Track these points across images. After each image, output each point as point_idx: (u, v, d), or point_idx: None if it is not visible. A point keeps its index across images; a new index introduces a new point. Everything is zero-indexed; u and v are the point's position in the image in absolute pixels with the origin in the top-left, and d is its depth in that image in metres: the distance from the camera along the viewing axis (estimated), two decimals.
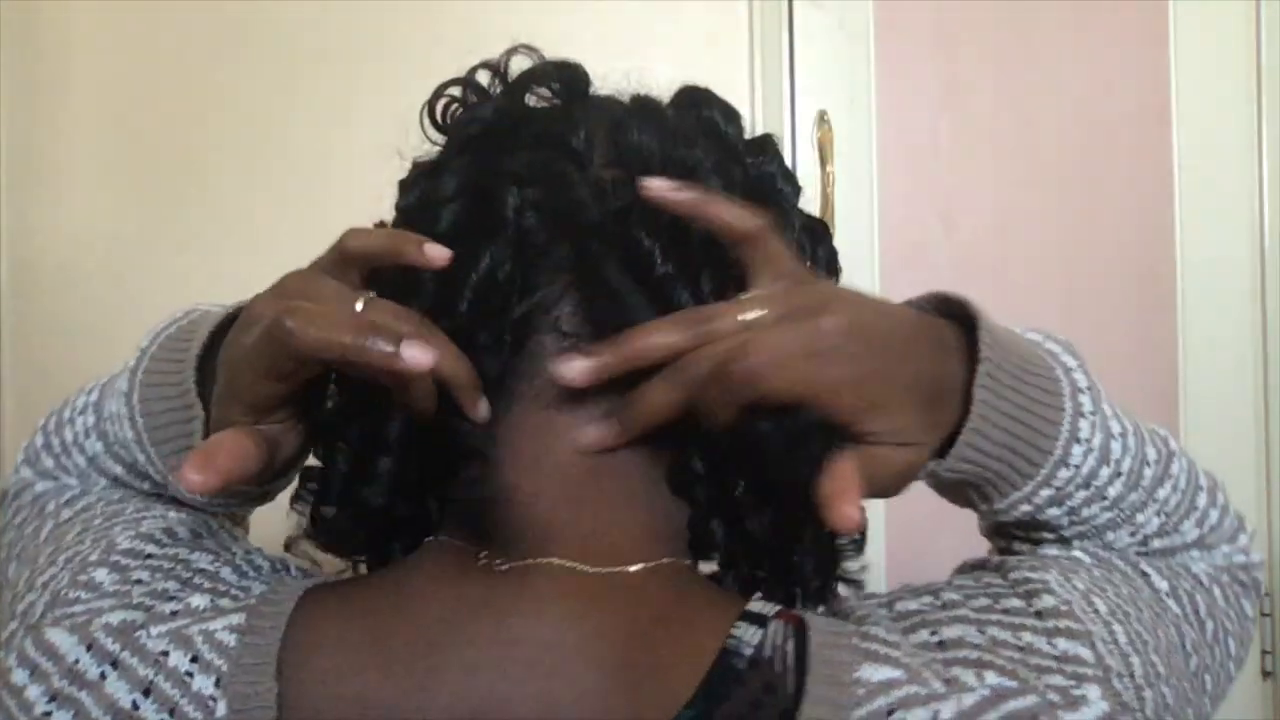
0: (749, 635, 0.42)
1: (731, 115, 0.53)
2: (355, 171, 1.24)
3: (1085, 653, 0.43)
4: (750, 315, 0.43)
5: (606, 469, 0.46)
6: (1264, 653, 1.23)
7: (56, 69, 1.24)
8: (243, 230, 1.22)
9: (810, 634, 0.42)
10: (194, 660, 0.43)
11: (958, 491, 0.54)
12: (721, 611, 0.44)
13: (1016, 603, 0.45)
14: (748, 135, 0.54)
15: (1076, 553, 0.53)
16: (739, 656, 0.42)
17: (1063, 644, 0.43)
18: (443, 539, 0.47)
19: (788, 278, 0.45)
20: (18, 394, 1.23)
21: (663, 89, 0.55)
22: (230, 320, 0.55)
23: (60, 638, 0.45)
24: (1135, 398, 0.76)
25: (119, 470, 0.60)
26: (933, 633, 0.44)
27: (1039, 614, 0.44)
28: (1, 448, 1.23)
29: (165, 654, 0.43)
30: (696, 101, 0.53)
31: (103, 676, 0.43)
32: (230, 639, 0.44)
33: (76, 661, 0.44)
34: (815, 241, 0.53)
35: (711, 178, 0.48)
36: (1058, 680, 0.42)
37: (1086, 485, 0.51)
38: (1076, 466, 0.51)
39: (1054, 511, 0.52)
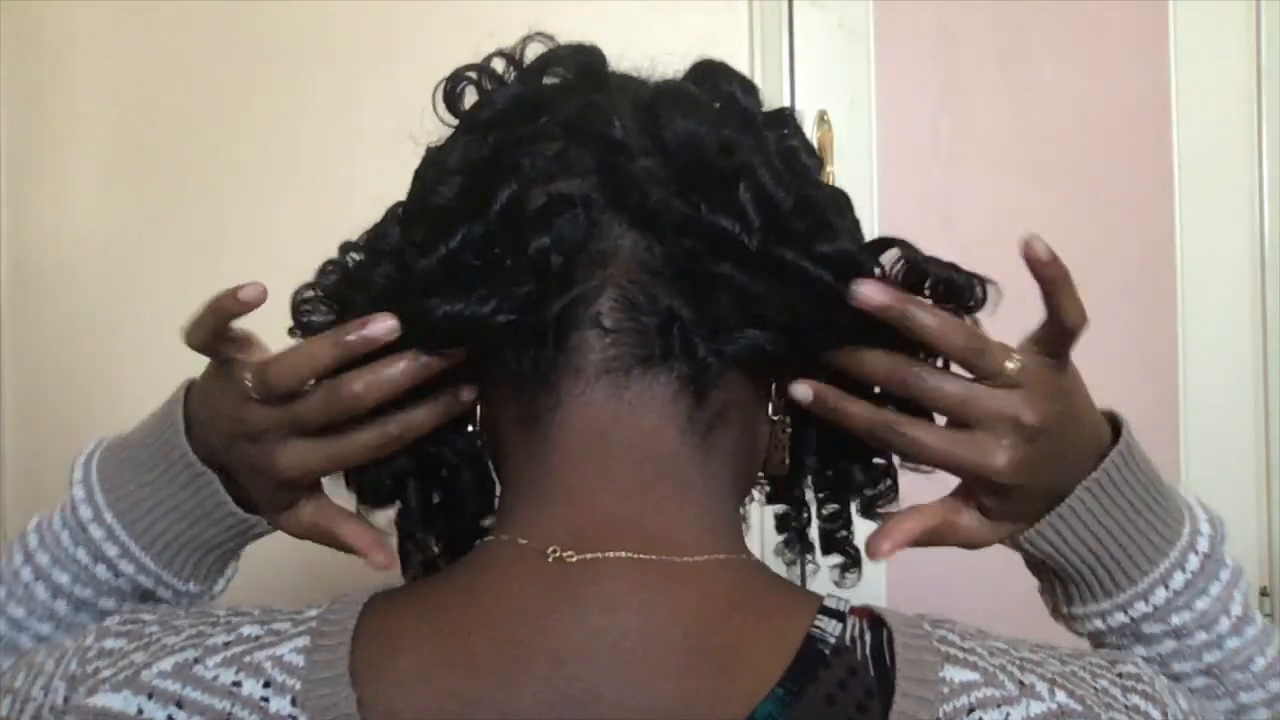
0: (830, 626, 0.44)
1: (750, 88, 0.52)
2: (356, 171, 1.25)
3: (1155, 713, 0.45)
4: (1012, 365, 0.49)
5: (659, 464, 0.47)
6: None
7: (57, 69, 1.24)
8: (243, 230, 1.22)
9: (893, 631, 0.44)
10: (266, 685, 0.43)
11: (1043, 577, 0.58)
12: (797, 602, 0.46)
13: (1101, 663, 0.47)
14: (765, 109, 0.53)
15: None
16: (824, 643, 0.44)
17: (1136, 699, 0.45)
18: (504, 538, 0.48)
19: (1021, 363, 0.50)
20: (18, 394, 1.23)
21: None
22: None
23: (110, 699, 0.44)
24: (1135, 398, 0.76)
25: (47, 628, 0.58)
26: (1013, 646, 0.46)
27: (1120, 675, 0.46)
28: (2, 447, 1.23)
29: (238, 684, 0.43)
30: (714, 75, 0.52)
31: (170, 719, 0.43)
32: (298, 659, 0.43)
33: (140, 712, 0.43)
34: (840, 214, 0.52)
35: (753, 157, 0.47)
36: (1120, 718, 0.44)
37: (1176, 636, 0.55)
38: (1156, 607, 0.54)
39: (1140, 650, 0.56)
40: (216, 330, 0.53)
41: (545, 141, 0.47)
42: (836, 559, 0.58)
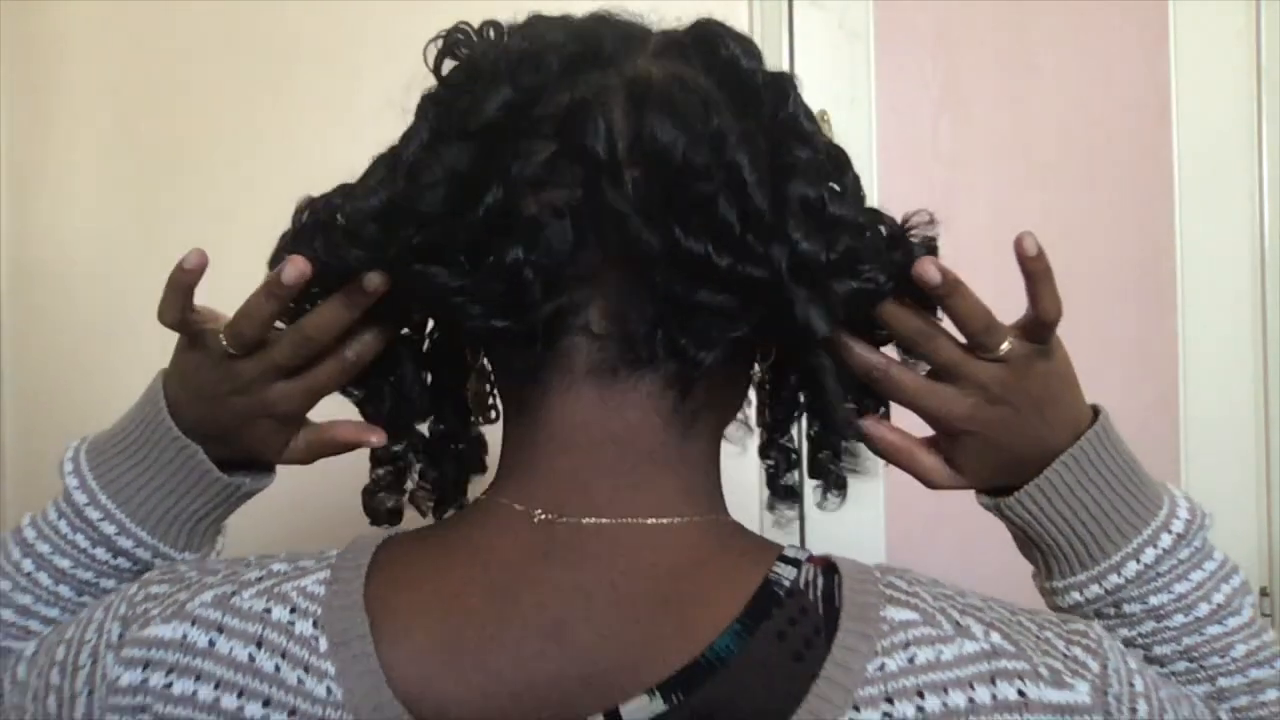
0: (786, 571, 0.49)
1: (751, 51, 0.52)
2: (356, 171, 1.24)
3: (1093, 664, 0.48)
4: (1005, 346, 0.55)
5: (642, 452, 0.52)
6: None
7: (56, 69, 1.24)
8: (242, 230, 1.22)
9: (842, 576, 0.49)
10: (292, 611, 0.50)
11: (1028, 550, 0.62)
12: (761, 554, 0.51)
13: (1053, 619, 0.51)
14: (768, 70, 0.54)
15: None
16: (779, 586, 0.48)
17: (1077, 650, 0.48)
18: (500, 501, 0.53)
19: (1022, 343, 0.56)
20: (18, 394, 1.23)
21: None
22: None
23: (160, 629, 0.50)
24: (1135, 398, 0.76)
25: (54, 613, 0.62)
26: (960, 594, 0.51)
27: (1069, 630, 0.50)
28: (2, 447, 1.23)
29: (268, 610, 0.50)
30: (714, 39, 0.52)
31: (211, 643, 0.49)
32: (320, 589, 0.50)
33: (184, 637, 0.50)
34: (840, 171, 0.54)
35: (740, 149, 0.48)
36: (1056, 665, 0.47)
37: (1155, 618, 0.58)
38: (1129, 580, 0.58)
39: (1123, 631, 0.59)
40: (182, 305, 0.64)
41: (537, 142, 0.49)
42: (822, 484, 0.63)
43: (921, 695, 0.45)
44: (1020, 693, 0.45)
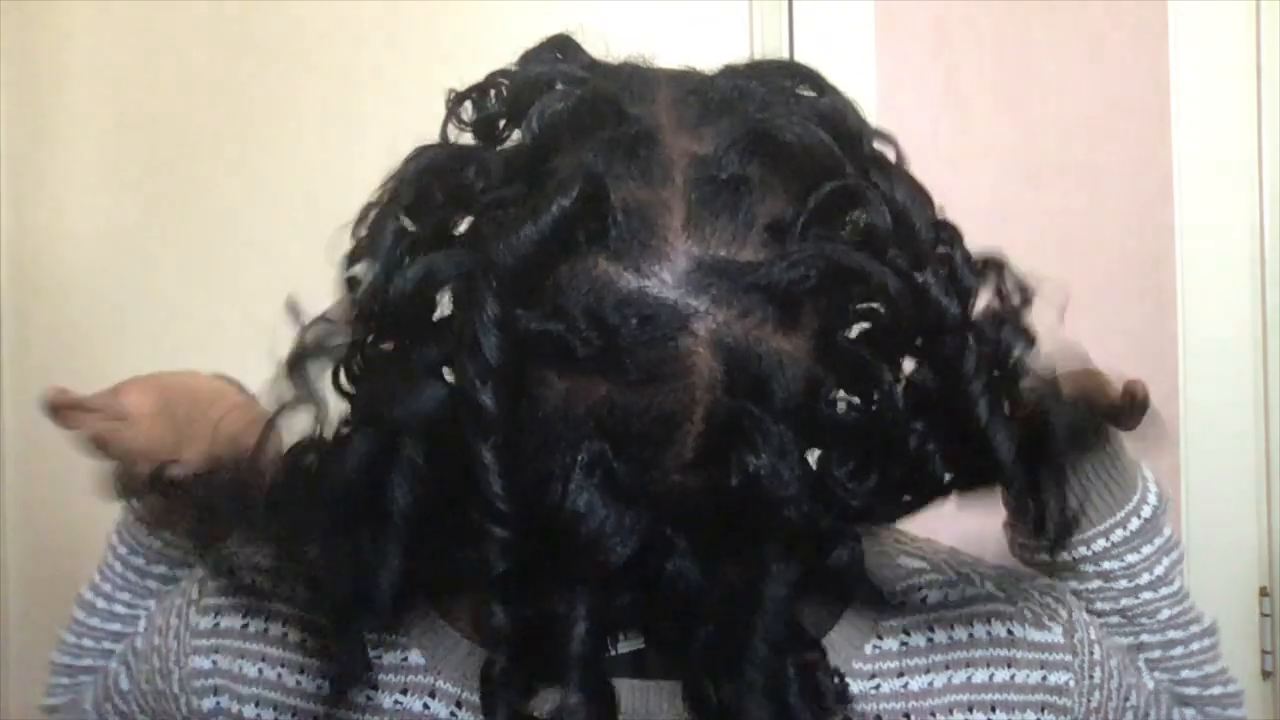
0: None
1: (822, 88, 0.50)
2: (355, 171, 1.24)
3: (1061, 612, 0.56)
4: None
5: None
6: (1264, 653, 1.23)
7: (56, 69, 1.24)
8: (242, 230, 1.22)
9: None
10: None
11: (1012, 511, 0.63)
12: None
13: (1024, 571, 0.60)
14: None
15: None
16: None
17: (1048, 599, 0.56)
18: None
19: None
20: (18, 394, 1.23)
21: None
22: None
23: (225, 620, 0.57)
24: None
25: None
26: (952, 550, 0.57)
27: (1041, 585, 0.58)
28: (2, 447, 1.23)
29: None
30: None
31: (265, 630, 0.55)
32: None
33: (254, 581, 0.55)
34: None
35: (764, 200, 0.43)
36: (1036, 609, 0.55)
37: (1103, 579, 0.65)
38: (1095, 553, 0.65)
39: (1071, 583, 0.65)
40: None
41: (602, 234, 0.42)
42: None
43: (931, 629, 0.52)
44: (1009, 631, 0.54)
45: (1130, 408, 0.63)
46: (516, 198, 0.43)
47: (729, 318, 0.41)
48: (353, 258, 0.49)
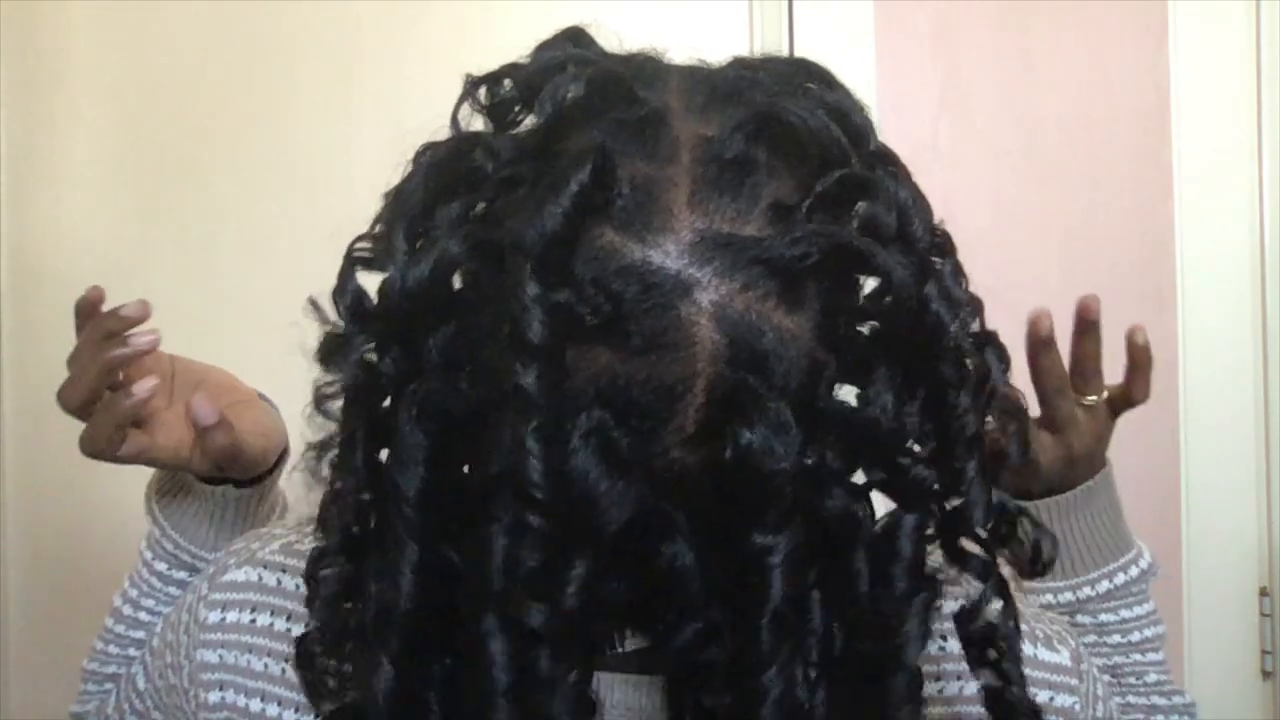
0: None
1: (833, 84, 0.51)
2: (355, 171, 1.24)
3: (1070, 639, 0.58)
4: (1093, 399, 0.70)
5: None
6: (1264, 653, 1.23)
7: (56, 69, 1.24)
8: (242, 230, 1.22)
9: None
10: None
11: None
12: None
13: (1032, 603, 0.63)
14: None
15: None
16: None
17: (1058, 628, 0.58)
18: None
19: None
20: (18, 394, 1.23)
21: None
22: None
23: (235, 574, 0.58)
24: None
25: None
26: None
27: (1049, 619, 0.60)
28: (2, 447, 1.23)
29: None
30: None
31: (279, 582, 0.57)
32: None
33: (259, 578, 0.57)
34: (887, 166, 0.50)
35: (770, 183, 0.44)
36: (1045, 632, 0.56)
37: (1099, 632, 0.69)
38: (1096, 595, 0.69)
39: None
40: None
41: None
42: None
43: (944, 637, 0.52)
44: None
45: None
46: (528, 176, 0.43)
47: (731, 290, 0.40)
48: (370, 266, 0.48)
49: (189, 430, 0.65)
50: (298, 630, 0.52)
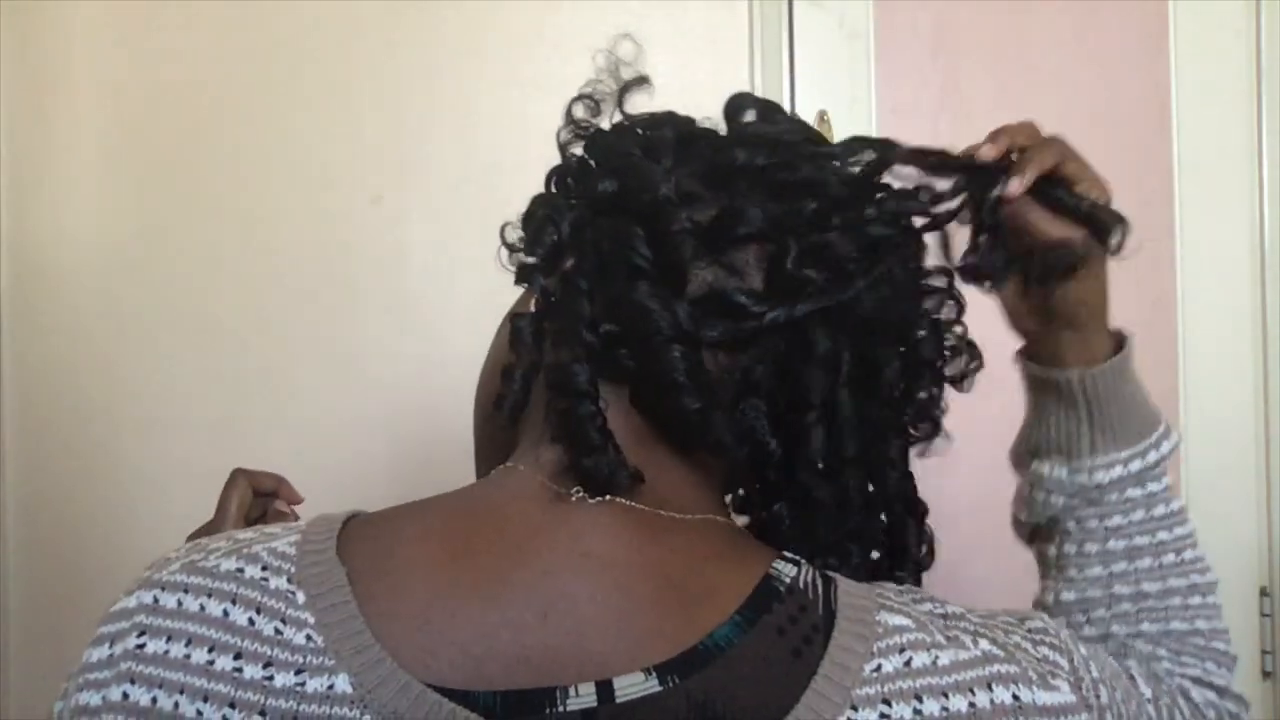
0: (786, 569, 0.51)
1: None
2: (355, 171, 1.25)
3: (1063, 661, 0.51)
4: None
5: (655, 440, 0.53)
6: (1264, 653, 1.23)
7: (57, 69, 1.24)
8: (242, 230, 1.22)
9: (837, 581, 0.51)
10: (264, 568, 0.49)
11: (1066, 424, 0.67)
12: (761, 553, 0.52)
13: (1011, 621, 0.53)
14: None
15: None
16: (780, 582, 0.50)
17: (1045, 650, 0.51)
18: (521, 468, 0.54)
19: None
20: (18, 394, 1.23)
21: (662, 89, 0.55)
22: None
23: (126, 601, 0.50)
24: None
25: None
26: (938, 606, 0.52)
27: (1030, 630, 0.53)
28: (1, 447, 1.23)
29: (240, 569, 0.49)
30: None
31: (180, 604, 0.49)
32: (291, 549, 0.50)
33: (155, 600, 0.49)
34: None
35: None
36: (1036, 669, 0.50)
37: (1124, 512, 0.66)
38: (1146, 468, 0.66)
39: (1092, 520, 0.66)
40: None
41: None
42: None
43: (919, 699, 0.47)
44: (1015, 696, 0.48)
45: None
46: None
47: None
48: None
49: None
50: (199, 656, 0.47)
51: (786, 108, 0.59)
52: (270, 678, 0.46)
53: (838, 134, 1.21)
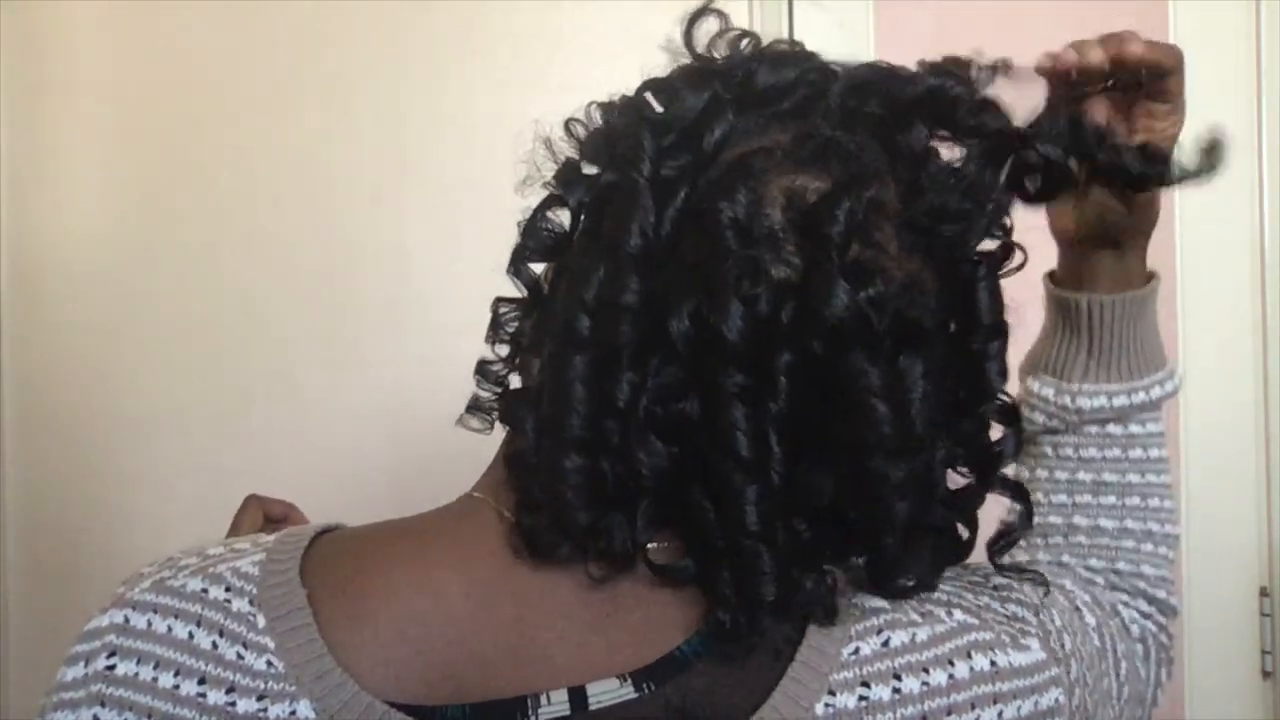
0: None
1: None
2: (355, 172, 1.25)
3: (1030, 616, 0.52)
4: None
5: None
6: (1264, 653, 1.23)
7: (57, 69, 1.24)
8: (242, 230, 1.22)
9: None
10: (227, 590, 0.49)
11: (1068, 345, 0.68)
12: None
13: (977, 579, 0.54)
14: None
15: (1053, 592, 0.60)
16: None
17: (1013, 607, 0.52)
18: (477, 496, 0.52)
19: None
20: (18, 394, 1.23)
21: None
22: None
23: (99, 620, 0.50)
24: None
25: None
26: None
27: (995, 588, 0.54)
28: (2, 447, 1.23)
29: (205, 590, 0.49)
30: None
31: (149, 624, 0.49)
32: (254, 570, 0.50)
33: (126, 620, 0.49)
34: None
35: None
36: (1008, 630, 0.51)
37: (1123, 445, 0.66)
38: (1150, 401, 0.66)
39: (1091, 451, 0.66)
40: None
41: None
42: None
43: (898, 677, 0.47)
44: (992, 662, 0.49)
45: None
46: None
47: None
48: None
49: None
50: (165, 680, 0.48)
51: None
52: (233, 704, 0.46)
53: None
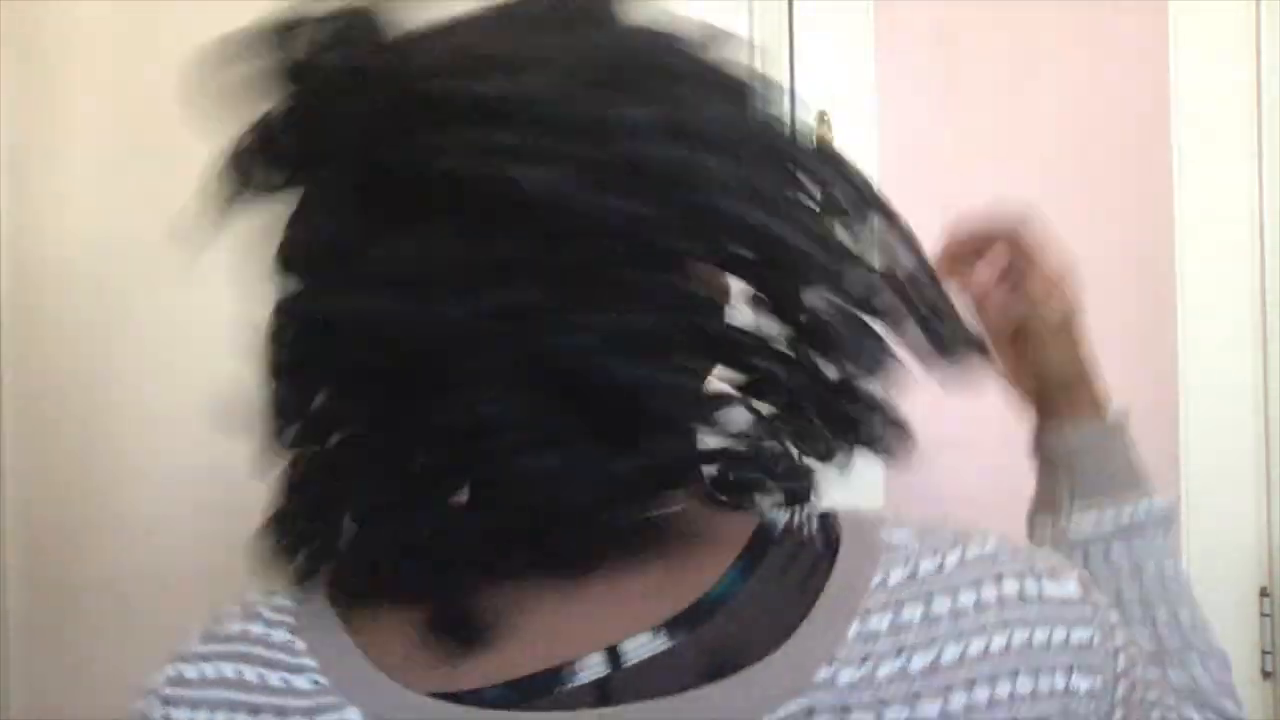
0: (777, 517, 0.51)
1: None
2: None
3: (1075, 570, 0.52)
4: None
5: None
6: (1264, 653, 1.23)
7: (58, 69, 1.24)
8: (243, 230, 1.22)
9: (835, 514, 0.51)
10: (266, 624, 0.52)
11: (1052, 483, 0.73)
12: (749, 514, 0.52)
13: (1019, 545, 0.54)
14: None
15: None
16: (774, 529, 0.50)
17: (1054, 560, 0.53)
18: None
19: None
20: (18, 394, 1.23)
21: None
22: None
23: (157, 676, 0.53)
24: (1134, 398, 0.77)
25: None
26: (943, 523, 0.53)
27: (1045, 553, 0.54)
28: (2, 447, 1.23)
29: (246, 630, 0.52)
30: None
31: (201, 674, 0.51)
32: (288, 602, 0.53)
33: (180, 674, 0.52)
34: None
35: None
36: (1045, 563, 0.51)
37: (1137, 575, 0.68)
38: (1134, 523, 0.69)
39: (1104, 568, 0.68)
40: None
41: None
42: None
43: (929, 600, 0.48)
44: (1021, 588, 0.49)
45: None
46: None
47: None
48: None
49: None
50: (221, 719, 0.51)
51: (786, 108, 0.58)
52: None
53: (838, 134, 1.21)
